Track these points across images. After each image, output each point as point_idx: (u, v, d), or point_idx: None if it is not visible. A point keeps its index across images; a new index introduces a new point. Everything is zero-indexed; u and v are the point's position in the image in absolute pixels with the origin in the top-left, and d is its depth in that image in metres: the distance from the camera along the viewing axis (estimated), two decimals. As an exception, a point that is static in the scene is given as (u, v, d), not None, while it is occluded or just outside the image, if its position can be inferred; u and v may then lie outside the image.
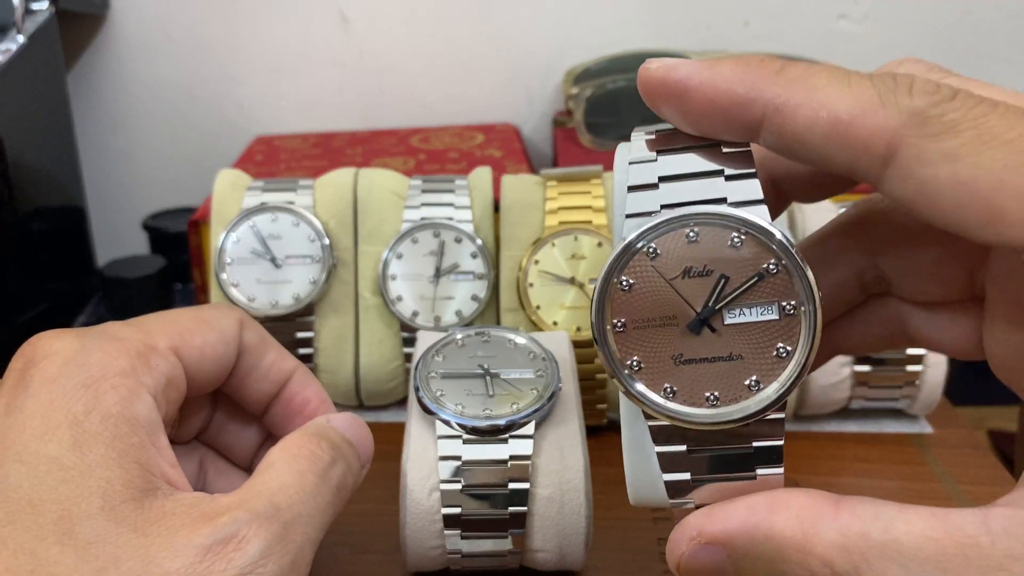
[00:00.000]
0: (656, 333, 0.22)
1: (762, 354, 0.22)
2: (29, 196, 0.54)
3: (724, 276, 0.22)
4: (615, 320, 0.22)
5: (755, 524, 0.21)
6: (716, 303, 0.22)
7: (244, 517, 0.23)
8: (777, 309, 0.22)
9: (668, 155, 0.23)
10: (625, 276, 0.22)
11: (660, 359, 0.22)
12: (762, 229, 0.22)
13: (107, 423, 0.24)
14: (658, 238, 0.22)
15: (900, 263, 0.26)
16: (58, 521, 0.22)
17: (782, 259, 0.22)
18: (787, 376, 0.22)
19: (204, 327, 0.28)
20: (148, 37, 0.69)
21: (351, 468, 0.28)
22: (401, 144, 0.63)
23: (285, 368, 0.31)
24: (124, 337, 0.26)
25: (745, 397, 0.22)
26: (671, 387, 0.22)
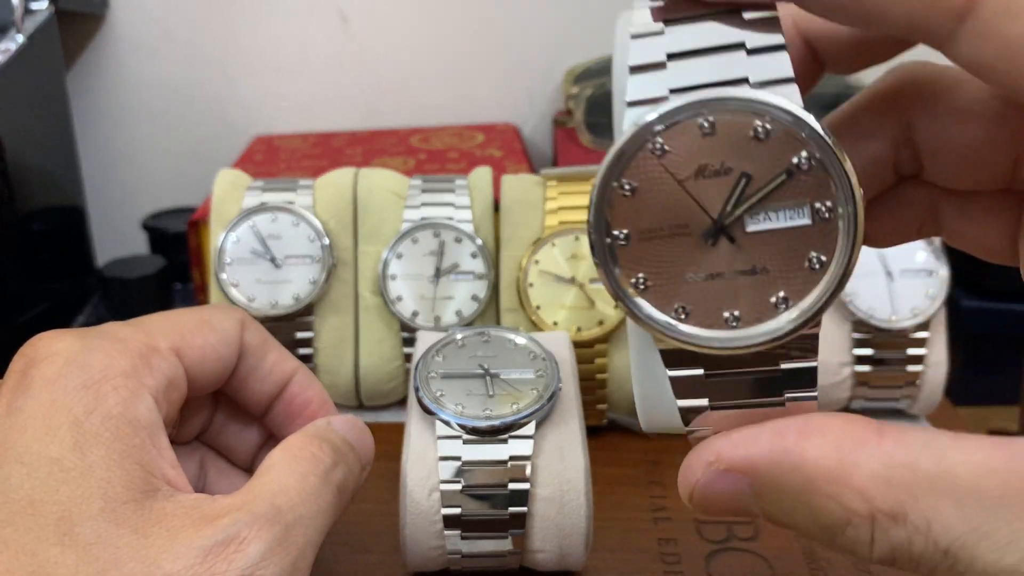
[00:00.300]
0: (665, 245, 0.19)
1: (792, 266, 0.19)
2: (28, 196, 0.54)
3: (746, 174, 0.18)
4: (616, 231, 0.19)
5: (783, 450, 0.18)
6: (737, 207, 0.19)
7: (245, 519, 0.23)
8: (810, 212, 0.18)
9: (678, 25, 0.19)
10: (627, 178, 0.19)
11: (670, 275, 0.19)
12: (792, 115, 0.18)
13: (108, 424, 0.24)
14: (666, 131, 0.19)
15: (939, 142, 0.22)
16: (59, 522, 0.22)
17: (816, 152, 0.18)
18: (822, 291, 0.18)
19: (205, 328, 0.28)
20: (147, 37, 0.69)
21: (352, 470, 0.28)
22: (401, 144, 0.63)
23: (286, 369, 0.31)
24: (125, 338, 0.26)
25: (771, 316, 0.19)
26: (683, 307, 0.19)
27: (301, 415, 0.31)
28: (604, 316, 0.42)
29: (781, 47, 0.19)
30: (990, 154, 0.22)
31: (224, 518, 0.23)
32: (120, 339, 0.26)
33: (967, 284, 0.55)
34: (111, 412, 0.24)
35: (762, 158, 0.18)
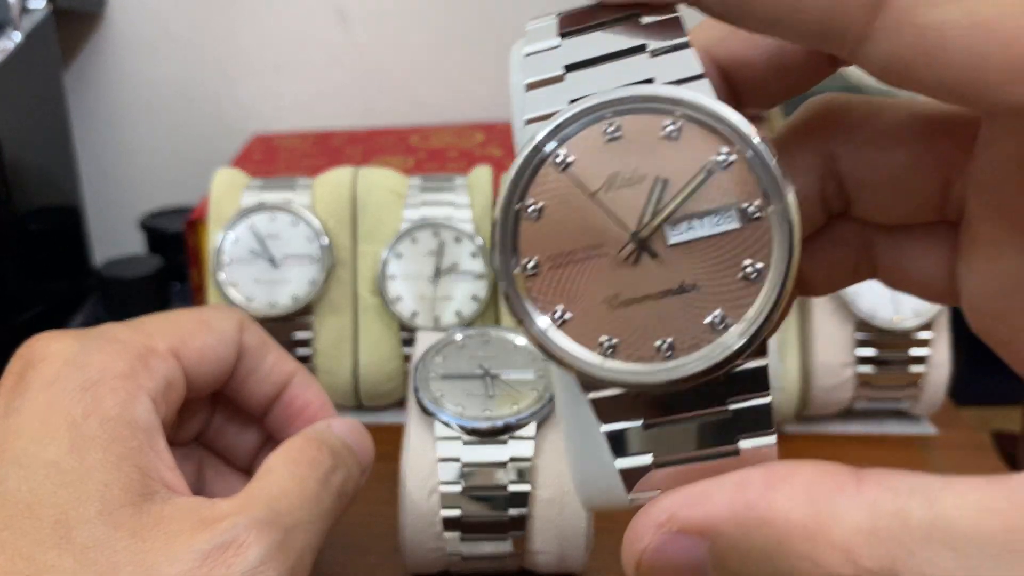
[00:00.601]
0: (581, 269, 0.17)
1: (724, 278, 0.16)
2: (25, 195, 0.54)
3: (661, 179, 0.16)
4: (525, 260, 0.17)
5: (747, 504, 0.15)
6: (655, 216, 0.16)
7: (244, 522, 0.23)
8: (737, 214, 0.16)
9: (574, 37, 0.18)
10: (531, 198, 0.17)
11: (591, 304, 0.17)
12: (704, 108, 0.16)
13: (105, 426, 0.24)
14: (567, 141, 0.17)
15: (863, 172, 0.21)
16: (56, 525, 0.22)
17: (735, 146, 0.16)
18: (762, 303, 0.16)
19: (204, 329, 0.28)
20: (145, 35, 0.69)
21: (351, 474, 0.28)
22: (400, 143, 0.63)
23: (285, 370, 0.31)
24: (123, 339, 0.26)
25: (709, 340, 0.16)
26: (609, 340, 0.17)
27: (300, 417, 0.31)
28: (605, 316, 0.41)
29: (685, 45, 0.17)
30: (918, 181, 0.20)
31: (223, 522, 0.23)
32: (118, 340, 0.26)
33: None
34: (109, 414, 0.24)
35: (677, 159, 0.16)
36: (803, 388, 0.42)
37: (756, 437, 0.17)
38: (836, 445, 0.42)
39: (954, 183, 0.20)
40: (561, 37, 0.18)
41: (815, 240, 0.22)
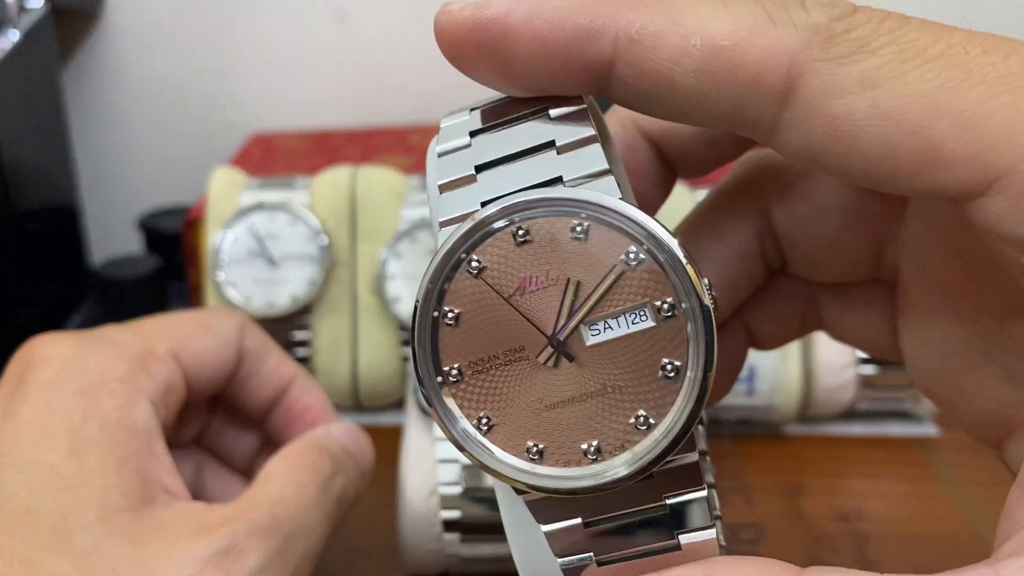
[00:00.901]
0: (503, 374, 0.17)
1: (644, 378, 0.16)
2: (23, 195, 0.54)
3: (573, 281, 0.17)
4: (447, 367, 0.17)
5: None
6: (569, 319, 0.17)
7: (243, 529, 0.23)
8: (651, 312, 0.16)
9: (484, 135, 0.18)
10: (448, 306, 0.17)
11: (515, 410, 0.17)
12: (609, 208, 0.16)
13: (105, 430, 0.23)
14: (478, 246, 0.17)
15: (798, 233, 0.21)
16: (55, 530, 0.22)
17: (643, 243, 0.16)
18: (683, 400, 0.16)
19: (204, 332, 0.28)
20: (143, 34, 0.69)
21: (351, 480, 0.28)
22: (399, 142, 0.63)
23: (286, 374, 0.30)
24: (123, 342, 0.26)
25: (635, 440, 0.16)
26: (536, 445, 0.17)
27: (300, 421, 0.30)
28: (605, 316, 0.41)
29: (592, 139, 0.17)
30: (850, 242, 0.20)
31: (223, 528, 0.23)
32: (118, 343, 0.26)
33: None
34: (108, 418, 0.24)
35: (587, 261, 0.16)
36: (805, 388, 0.42)
37: (695, 532, 0.17)
38: (838, 446, 0.42)
39: (887, 246, 0.20)
40: (471, 136, 0.18)
41: (760, 295, 0.22)
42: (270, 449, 0.29)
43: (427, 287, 0.17)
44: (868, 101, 0.15)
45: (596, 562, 0.17)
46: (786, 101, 0.15)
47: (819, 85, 0.15)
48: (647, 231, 0.16)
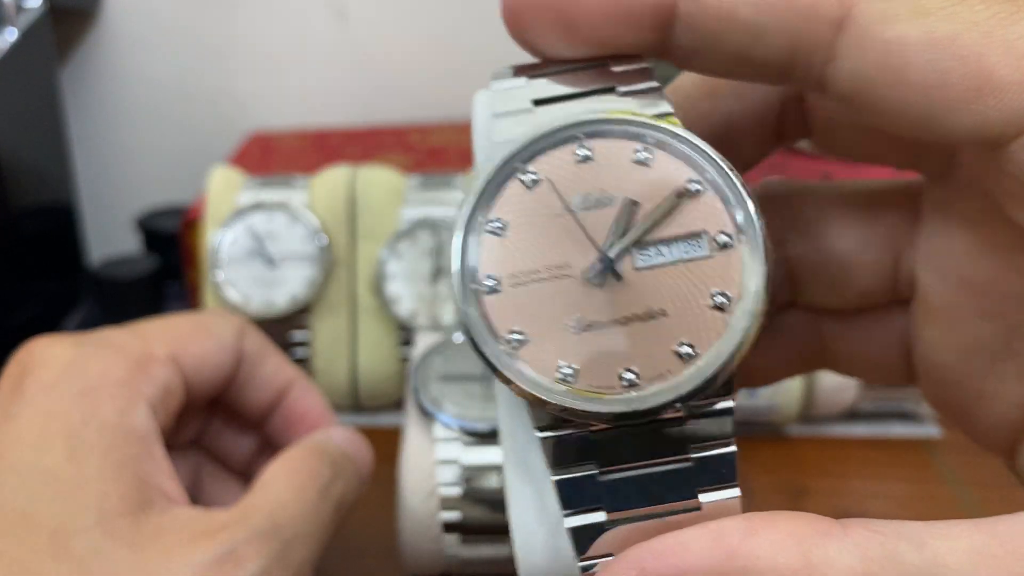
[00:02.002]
0: (543, 290, 0.16)
1: (693, 307, 0.16)
2: (20, 194, 0.54)
3: (632, 201, 0.16)
4: (485, 277, 0.16)
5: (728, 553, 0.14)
6: (623, 238, 0.16)
7: (243, 534, 0.23)
8: (707, 241, 0.16)
9: (541, 78, 0.17)
10: (495, 214, 0.16)
11: (551, 327, 0.16)
12: (675, 134, 0.16)
13: (103, 434, 0.23)
14: (536, 159, 0.16)
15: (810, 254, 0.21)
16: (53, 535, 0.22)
17: (706, 171, 0.16)
18: (730, 335, 0.15)
19: (203, 335, 0.28)
20: (141, 33, 0.69)
21: (351, 485, 0.28)
22: (399, 141, 0.63)
23: (285, 377, 0.30)
24: (122, 345, 0.26)
25: (676, 371, 0.15)
26: (568, 366, 0.16)
27: (300, 424, 0.30)
28: (606, 316, 0.41)
29: (658, 89, 0.17)
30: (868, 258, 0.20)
31: (222, 533, 0.23)
32: (117, 346, 0.26)
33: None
34: (107, 422, 0.24)
35: (648, 183, 0.16)
36: (806, 389, 0.42)
37: (719, 490, 0.15)
38: (840, 447, 0.42)
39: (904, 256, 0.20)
40: (528, 78, 0.18)
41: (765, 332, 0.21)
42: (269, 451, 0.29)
43: (476, 194, 0.16)
44: (920, 28, 0.15)
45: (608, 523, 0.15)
46: (841, 28, 0.15)
47: (873, 12, 0.15)
48: (713, 162, 0.16)
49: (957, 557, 0.13)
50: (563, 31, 0.17)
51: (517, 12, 0.17)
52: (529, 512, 0.17)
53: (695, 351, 0.15)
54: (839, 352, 0.22)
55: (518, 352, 0.16)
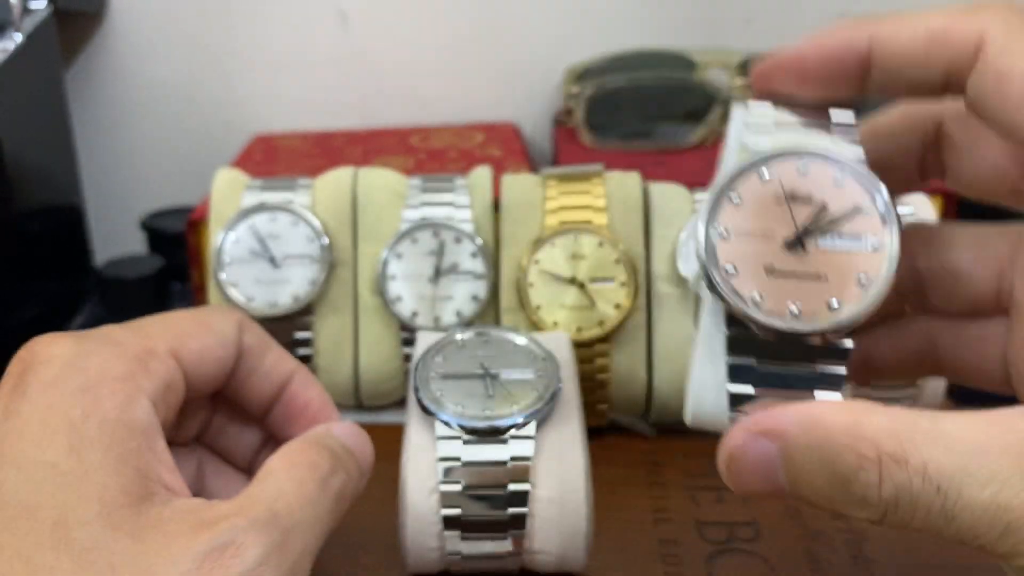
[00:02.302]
0: (755, 244, 0.24)
1: (845, 278, 0.24)
2: (26, 195, 0.54)
3: (825, 204, 0.24)
4: (721, 227, 0.25)
5: (807, 415, 0.21)
6: (814, 225, 0.24)
7: (242, 524, 0.23)
8: (866, 242, 0.24)
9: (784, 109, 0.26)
10: (736, 192, 0.25)
11: (754, 268, 0.24)
12: (864, 175, 0.25)
13: (104, 428, 0.24)
14: (772, 165, 0.25)
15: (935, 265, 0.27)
16: (54, 527, 0.22)
17: (877, 202, 0.24)
18: (865, 303, 0.23)
19: (203, 330, 0.28)
20: (146, 36, 0.69)
21: (351, 477, 0.28)
22: (400, 143, 0.63)
23: (285, 370, 0.31)
24: (122, 341, 0.26)
25: (824, 316, 0.23)
26: (760, 294, 0.24)
27: (301, 416, 0.31)
28: (604, 316, 0.41)
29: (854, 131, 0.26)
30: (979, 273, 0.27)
31: (221, 523, 0.23)
32: (117, 342, 0.26)
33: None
34: (108, 416, 0.24)
35: (838, 196, 0.25)
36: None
37: (828, 391, 0.23)
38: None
39: (1006, 274, 0.26)
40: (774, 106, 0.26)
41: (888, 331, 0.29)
42: (272, 447, 0.29)
43: (728, 175, 0.25)
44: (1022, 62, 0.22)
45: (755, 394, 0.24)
46: (975, 58, 0.23)
47: (997, 48, 0.22)
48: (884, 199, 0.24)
49: (956, 425, 0.20)
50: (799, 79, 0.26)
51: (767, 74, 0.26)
52: (707, 379, 0.25)
53: (840, 306, 0.23)
54: (948, 356, 0.28)
55: (730, 278, 0.24)
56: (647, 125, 0.60)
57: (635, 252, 0.43)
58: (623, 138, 0.59)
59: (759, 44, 0.67)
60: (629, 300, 0.41)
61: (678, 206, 0.44)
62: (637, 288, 0.42)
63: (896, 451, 0.20)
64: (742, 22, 0.67)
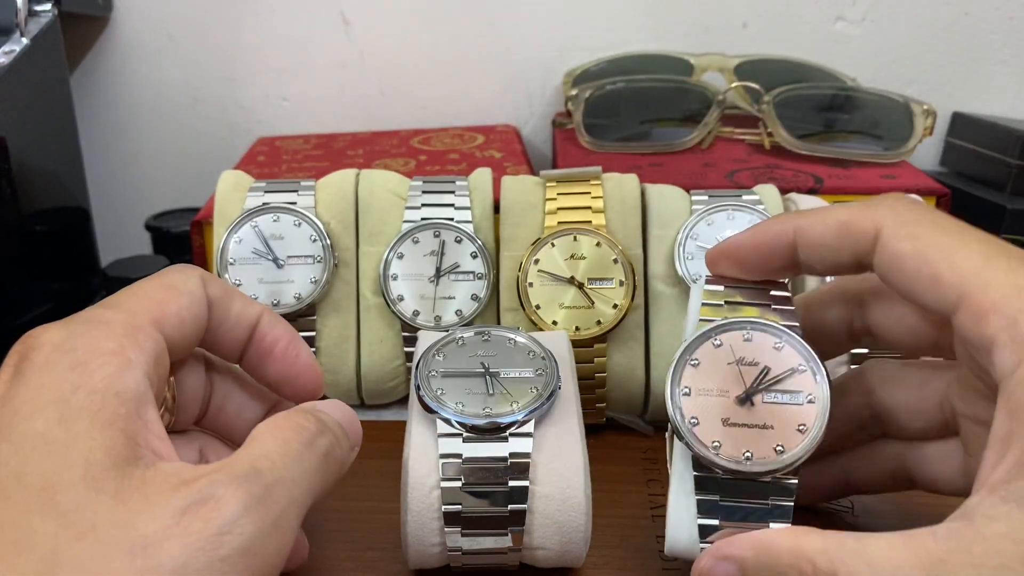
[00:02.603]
0: (712, 399, 0.30)
1: (788, 427, 0.29)
2: (33, 197, 0.54)
3: (767, 367, 0.30)
4: (685, 387, 0.30)
5: (760, 540, 0.26)
6: (758, 384, 0.30)
7: (222, 479, 0.23)
8: (802, 397, 0.30)
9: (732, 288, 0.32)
10: (696, 357, 0.31)
11: (713, 419, 0.30)
12: (798, 340, 0.31)
13: (93, 397, 0.24)
14: (723, 333, 0.31)
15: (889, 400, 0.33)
16: (41, 492, 0.22)
17: (810, 362, 0.30)
18: (803, 447, 0.29)
19: (174, 294, 0.29)
20: (151, 39, 0.70)
21: (339, 442, 0.28)
22: (402, 145, 0.64)
23: (252, 313, 0.32)
24: (108, 320, 0.27)
25: (772, 459, 0.29)
26: (718, 442, 0.30)
27: (271, 353, 0.32)
28: (602, 316, 0.42)
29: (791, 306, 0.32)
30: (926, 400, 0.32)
31: (201, 479, 0.23)
32: (103, 322, 0.26)
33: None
34: (96, 387, 0.24)
35: (777, 359, 0.30)
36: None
37: (779, 522, 0.29)
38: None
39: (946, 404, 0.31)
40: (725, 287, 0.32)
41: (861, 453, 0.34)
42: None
43: (688, 343, 0.31)
44: (911, 245, 0.27)
45: (719, 525, 0.29)
46: (875, 243, 0.28)
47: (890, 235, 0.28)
48: (815, 360, 0.30)
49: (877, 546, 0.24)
50: (737, 265, 0.32)
51: (713, 259, 0.33)
52: (682, 515, 0.30)
53: (784, 450, 0.29)
54: (917, 472, 0.33)
55: (693, 429, 0.30)
56: (645, 127, 0.60)
57: (633, 252, 0.43)
58: (621, 140, 0.60)
59: (755, 48, 0.67)
60: (627, 300, 0.42)
61: (675, 207, 0.45)
62: (635, 288, 0.42)
63: (827, 568, 0.24)
64: (738, 26, 0.68)
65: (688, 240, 0.43)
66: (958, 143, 0.64)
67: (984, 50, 0.67)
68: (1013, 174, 0.55)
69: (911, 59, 0.68)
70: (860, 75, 0.65)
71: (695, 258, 0.43)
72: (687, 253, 0.43)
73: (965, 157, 0.63)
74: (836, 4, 0.67)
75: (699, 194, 0.45)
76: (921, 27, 0.67)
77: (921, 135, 0.56)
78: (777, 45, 0.67)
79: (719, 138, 0.60)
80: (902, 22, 0.67)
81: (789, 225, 0.30)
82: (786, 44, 0.67)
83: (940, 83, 0.68)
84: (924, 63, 0.68)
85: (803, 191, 0.50)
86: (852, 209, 0.29)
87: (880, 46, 0.67)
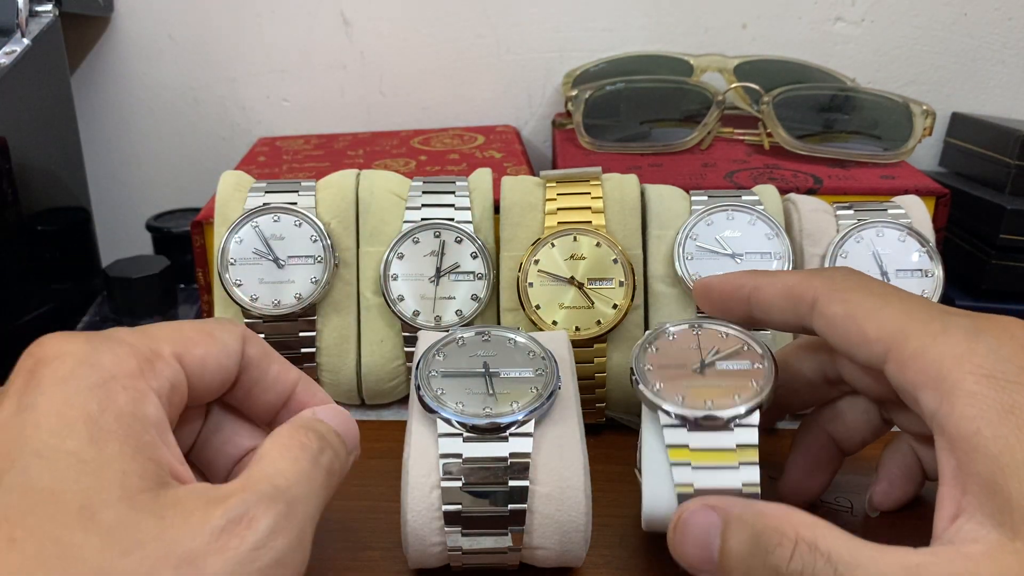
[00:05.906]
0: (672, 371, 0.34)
1: (743, 384, 0.33)
2: (34, 197, 0.55)
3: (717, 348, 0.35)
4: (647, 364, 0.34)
5: (749, 502, 0.28)
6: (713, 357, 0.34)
7: (252, 498, 0.25)
8: (752, 364, 0.34)
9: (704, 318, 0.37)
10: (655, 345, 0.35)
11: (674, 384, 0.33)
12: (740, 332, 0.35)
13: (121, 421, 0.25)
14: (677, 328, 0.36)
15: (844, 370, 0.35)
16: (80, 510, 0.23)
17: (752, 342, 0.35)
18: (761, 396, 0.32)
19: (206, 339, 0.30)
20: (152, 39, 0.70)
21: (338, 455, 0.30)
22: (402, 146, 0.64)
23: (289, 379, 0.32)
24: (131, 342, 0.27)
25: (731, 405, 0.32)
26: (681, 397, 0.32)
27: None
28: (602, 316, 0.42)
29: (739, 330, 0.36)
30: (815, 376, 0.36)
31: (232, 498, 0.24)
32: (126, 343, 0.27)
33: (962, 284, 0.55)
34: (123, 410, 0.25)
35: (726, 342, 0.35)
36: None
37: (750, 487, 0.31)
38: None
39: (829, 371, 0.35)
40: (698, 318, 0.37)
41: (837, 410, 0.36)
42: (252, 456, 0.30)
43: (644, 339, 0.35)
44: (842, 308, 0.31)
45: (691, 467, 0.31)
46: (813, 309, 0.32)
47: (824, 301, 0.31)
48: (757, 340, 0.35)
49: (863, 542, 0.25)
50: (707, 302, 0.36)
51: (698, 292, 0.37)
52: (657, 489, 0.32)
53: (739, 400, 0.32)
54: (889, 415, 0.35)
55: (659, 395, 0.32)
56: (644, 128, 0.60)
57: (632, 252, 0.43)
58: (621, 140, 0.60)
59: (755, 48, 0.67)
60: (627, 300, 0.42)
61: (675, 207, 0.45)
62: (634, 288, 0.42)
63: (810, 538, 0.25)
64: (738, 27, 0.68)
65: (688, 240, 0.44)
66: (957, 143, 0.64)
67: (983, 50, 0.67)
68: (1012, 174, 0.55)
69: (910, 59, 0.68)
70: (859, 75, 0.65)
71: (695, 258, 0.43)
72: (687, 253, 0.43)
73: (964, 157, 0.63)
74: (835, 4, 0.67)
75: (699, 194, 0.45)
76: (919, 28, 0.67)
77: (920, 135, 0.56)
78: (776, 46, 0.67)
79: (719, 138, 0.60)
80: (901, 22, 0.67)
81: (749, 282, 0.34)
82: (785, 45, 0.67)
83: (939, 83, 0.68)
84: (923, 63, 0.68)
85: (803, 191, 0.50)
86: (797, 276, 0.33)
87: (879, 46, 0.68)
